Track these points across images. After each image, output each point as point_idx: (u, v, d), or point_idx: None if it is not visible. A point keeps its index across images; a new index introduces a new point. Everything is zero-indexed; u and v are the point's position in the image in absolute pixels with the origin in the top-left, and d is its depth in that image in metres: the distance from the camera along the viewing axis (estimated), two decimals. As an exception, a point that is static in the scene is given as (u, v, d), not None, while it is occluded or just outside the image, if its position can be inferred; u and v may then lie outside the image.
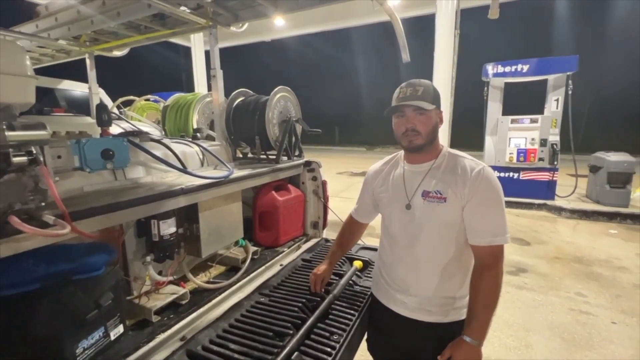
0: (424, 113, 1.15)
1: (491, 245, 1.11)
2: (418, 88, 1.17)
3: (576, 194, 6.56)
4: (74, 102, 3.37)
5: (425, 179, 1.20)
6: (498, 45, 18.15)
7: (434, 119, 1.19)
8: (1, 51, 0.81)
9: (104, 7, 2.03)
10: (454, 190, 1.13)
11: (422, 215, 1.18)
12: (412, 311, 1.24)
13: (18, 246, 0.85)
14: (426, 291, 1.22)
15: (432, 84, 1.20)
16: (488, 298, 1.11)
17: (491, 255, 1.12)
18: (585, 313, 3.01)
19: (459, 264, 1.20)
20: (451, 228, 1.16)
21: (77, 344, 1.05)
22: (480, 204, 1.11)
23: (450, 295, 1.21)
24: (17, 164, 0.83)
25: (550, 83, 6.56)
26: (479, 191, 1.11)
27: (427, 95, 1.15)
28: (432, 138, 1.20)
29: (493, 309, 1.12)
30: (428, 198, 1.17)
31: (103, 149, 1.17)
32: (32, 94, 0.89)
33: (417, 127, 1.16)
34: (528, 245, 4.71)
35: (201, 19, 2.11)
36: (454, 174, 1.15)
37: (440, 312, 1.21)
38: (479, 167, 1.14)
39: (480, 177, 1.11)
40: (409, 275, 1.25)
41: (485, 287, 1.11)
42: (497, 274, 1.12)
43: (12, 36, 2.49)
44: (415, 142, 1.18)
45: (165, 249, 1.43)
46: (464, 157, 1.19)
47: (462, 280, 1.21)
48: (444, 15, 5.93)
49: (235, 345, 1.21)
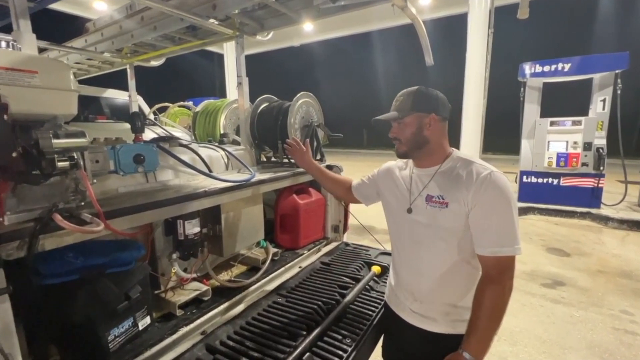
0: (400, 122, 1.20)
1: (496, 255, 1.05)
2: (399, 98, 1.22)
3: (626, 202, 6.01)
4: (116, 110, 3.67)
5: (430, 183, 1.18)
6: (531, 44, 17.14)
7: (413, 125, 1.17)
8: (49, 69, 0.92)
9: (143, 21, 2.23)
10: (457, 195, 1.09)
11: (425, 220, 1.16)
12: (418, 319, 1.22)
13: (60, 241, 0.96)
14: (429, 297, 1.19)
15: (416, 90, 1.19)
16: (490, 314, 1.04)
17: (496, 267, 1.05)
18: (631, 333, 2.76)
19: (466, 273, 1.15)
20: (453, 235, 1.12)
21: (109, 332, 1.16)
22: (485, 211, 1.05)
23: (454, 304, 1.17)
24: (61, 168, 0.93)
25: (595, 82, 6.08)
26: (484, 197, 1.05)
27: (403, 104, 1.19)
28: (415, 144, 1.18)
29: (495, 326, 1.05)
30: (431, 203, 1.15)
31: (135, 154, 1.28)
32: (75, 105, 1.00)
33: (397, 135, 1.22)
34: (567, 257, 4.39)
35: (228, 30, 2.22)
36: (459, 178, 1.11)
37: (445, 322, 1.18)
38: (485, 172, 1.08)
39: (486, 183, 1.05)
40: (413, 280, 1.23)
41: (488, 302, 1.05)
42: (502, 289, 1.05)
43: (65, 50, 2.78)
44: (399, 149, 1.23)
45: (189, 248, 1.52)
46: (472, 162, 1.14)
47: (470, 290, 1.15)
48: (477, 14, 5.72)
49: (250, 342, 1.26)
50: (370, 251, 2.24)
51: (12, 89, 0.85)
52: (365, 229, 2.76)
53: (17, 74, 0.86)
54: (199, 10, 1.96)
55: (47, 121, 0.95)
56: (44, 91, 0.92)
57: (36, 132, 0.89)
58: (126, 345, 1.22)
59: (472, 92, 5.91)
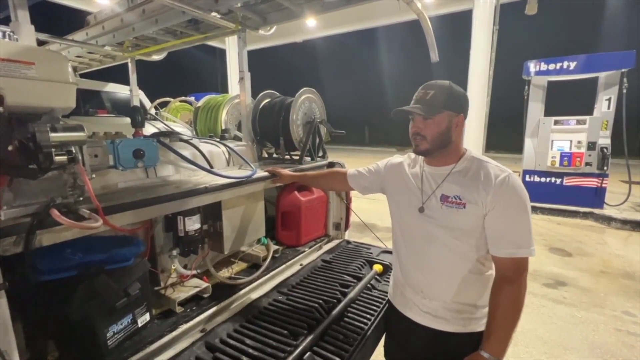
0: (430, 118, 1.12)
1: (514, 257, 1.05)
2: (429, 91, 1.13)
3: (629, 202, 5.96)
4: (117, 104, 3.65)
5: (445, 183, 1.16)
6: (537, 42, 16.98)
7: (443, 124, 1.12)
8: (46, 60, 0.90)
9: (144, 14, 2.20)
10: (475, 197, 1.08)
11: (439, 220, 1.14)
12: (428, 318, 1.20)
13: (58, 236, 0.94)
14: (441, 296, 1.18)
15: (449, 86, 1.14)
16: (508, 313, 1.06)
17: (513, 268, 1.06)
18: (633, 335, 2.73)
19: (479, 272, 1.15)
20: (469, 235, 1.11)
21: (108, 328, 1.15)
22: (504, 213, 1.06)
23: (467, 303, 1.16)
24: (59, 163, 0.91)
25: (601, 81, 6.01)
26: (503, 200, 1.05)
27: (436, 99, 1.11)
28: (440, 143, 1.14)
29: (514, 324, 1.06)
30: (447, 203, 1.13)
31: (135, 148, 1.26)
32: (73, 98, 0.97)
33: (422, 131, 1.14)
34: (569, 257, 4.36)
35: (231, 24, 2.19)
36: (477, 180, 1.10)
37: (457, 321, 1.17)
38: (504, 175, 1.07)
39: (505, 185, 1.05)
40: (423, 278, 1.21)
41: (506, 302, 1.06)
42: (519, 288, 1.06)
43: (66, 43, 2.75)
44: (420, 146, 1.16)
45: (190, 244, 1.50)
46: (488, 163, 1.13)
47: (483, 289, 1.15)
48: (482, 11, 5.65)
49: (250, 340, 1.25)
50: (371, 249, 2.22)
51: (8, 81, 0.83)
52: (366, 227, 2.74)
53: (13, 65, 0.84)
54: (201, 4, 1.93)
55: (44, 114, 0.93)
56: (41, 83, 0.89)
57: (33, 126, 0.86)
58: (125, 342, 1.21)
59: (475, 89, 5.86)
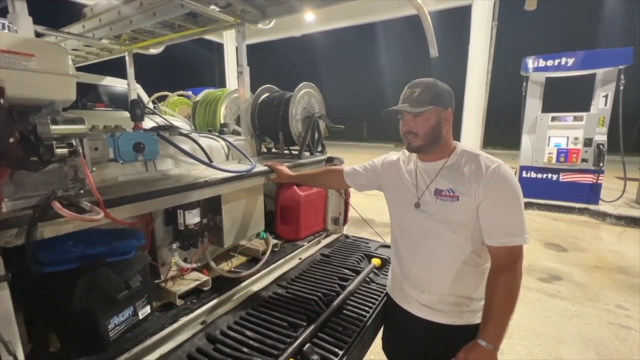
0: (419, 115, 1.14)
1: (508, 245, 1.07)
2: (415, 90, 1.16)
3: (624, 198, 6.03)
4: (115, 98, 3.62)
5: (438, 177, 1.18)
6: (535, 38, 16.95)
7: (432, 120, 1.15)
8: (47, 52, 0.90)
9: (142, 7, 2.17)
10: (467, 188, 1.10)
11: (435, 214, 1.16)
12: (426, 311, 1.23)
13: (59, 229, 0.95)
14: (439, 289, 1.20)
15: (434, 83, 1.16)
16: (505, 301, 1.08)
17: (508, 257, 1.08)
18: (625, 328, 2.79)
19: (475, 264, 1.17)
20: (465, 227, 1.13)
21: (109, 320, 1.16)
22: (496, 203, 1.08)
23: (464, 295, 1.18)
24: (60, 155, 0.91)
25: (598, 78, 6.03)
26: (495, 190, 1.07)
27: (422, 96, 1.14)
28: (432, 138, 1.16)
29: (510, 312, 1.08)
30: (441, 197, 1.15)
31: (135, 142, 1.26)
32: (73, 91, 0.97)
33: (413, 129, 1.17)
34: (564, 252, 4.42)
35: (230, 17, 2.17)
36: (468, 172, 1.12)
37: (454, 313, 1.19)
38: (494, 165, 1.10)
39: (496, 175, 1.07)
40: (422, 272, 1.23)
41: (502, 290, 1.08)
42: (515, 276, 1.08)
43: (62, 36, 2.72)
44: (413, 143, 1.19)
45: (189, 238, 1.51)
46: (479, 155, 1.15)
47: (479, 281, 1.18)
48: (482, 6, 5.63)
49: (250, 332, 1.27)
50: (370, 244, 2.24)
51: (9, 73, 0.83)
52: (365, 222, 2.76)
53: (14, 56, 0.83)
54: (200, -4, 1.92)
55: (45, 106, 0.93)
56: (41, 75, 0.89)
57: (34, 118, 0.86)
58: (126, 334, 1.22)
59: (474, 85, 5.85)
